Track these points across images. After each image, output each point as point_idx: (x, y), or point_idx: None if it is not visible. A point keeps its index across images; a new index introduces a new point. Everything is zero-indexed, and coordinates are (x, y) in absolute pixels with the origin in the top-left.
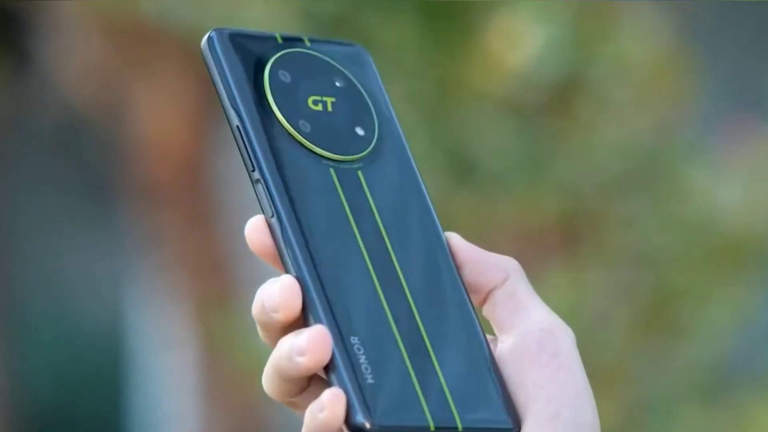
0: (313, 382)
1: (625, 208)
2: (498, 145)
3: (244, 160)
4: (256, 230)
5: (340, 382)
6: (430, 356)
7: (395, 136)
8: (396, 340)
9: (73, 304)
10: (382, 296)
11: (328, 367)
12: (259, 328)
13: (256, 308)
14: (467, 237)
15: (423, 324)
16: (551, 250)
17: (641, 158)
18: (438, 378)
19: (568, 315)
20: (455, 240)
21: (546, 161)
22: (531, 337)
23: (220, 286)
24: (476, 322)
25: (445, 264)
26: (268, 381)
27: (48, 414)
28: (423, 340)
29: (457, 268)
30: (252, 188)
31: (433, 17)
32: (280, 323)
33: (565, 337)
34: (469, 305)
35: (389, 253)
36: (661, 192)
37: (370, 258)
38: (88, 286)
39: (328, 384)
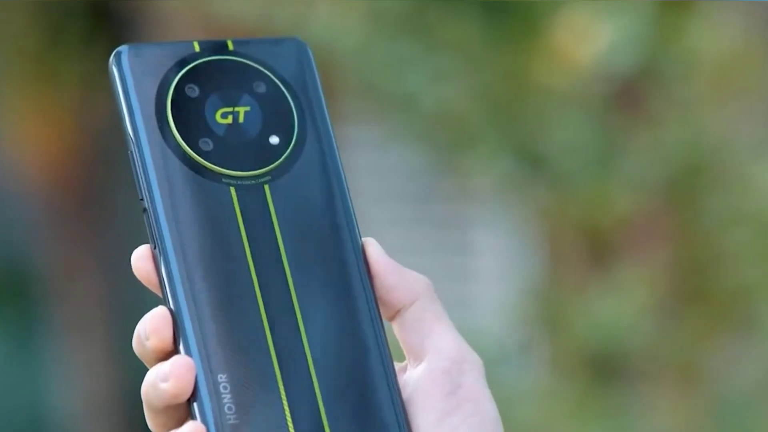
0: (189, 418)
1: (696, 204)
2: (567, 141)
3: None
4: (141, 259)
5: (202, 418)
6: (314, 393)
7: (320, 137)
8: (274, 378)
9: None
10: (267, 329)
11: (191, 402)
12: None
13: (134, 340)
14: (536, 233)
15: (312, 358)
16: (622, 247)
17: (712, 154)
18: (319, 417)
19: (639, 313)
20: (371, 249)
21: (616, 157)
22: (438, 366)
23: None
24: (380, 345)
25: (353, 281)
26: (145, 412)
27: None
28: (309, 376)
29: (370, 280)
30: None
31: (499, 13)
32: (152, 351)
33: (472, 367)
34: (375, 328)
35: (285, 276)
36: (731, 188)
37: (260, 286)
38: None
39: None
